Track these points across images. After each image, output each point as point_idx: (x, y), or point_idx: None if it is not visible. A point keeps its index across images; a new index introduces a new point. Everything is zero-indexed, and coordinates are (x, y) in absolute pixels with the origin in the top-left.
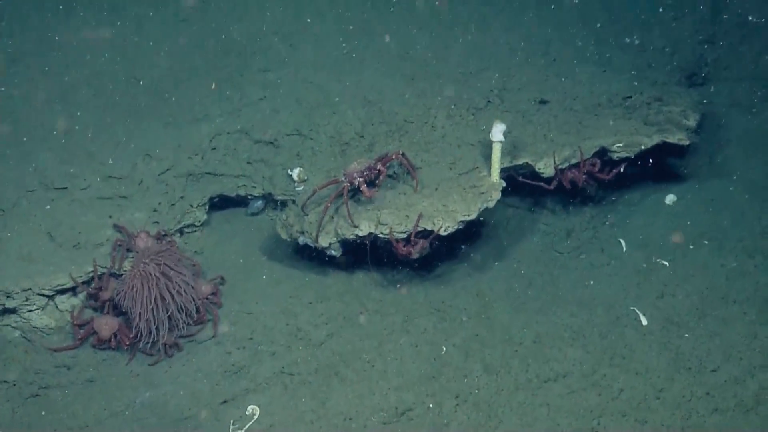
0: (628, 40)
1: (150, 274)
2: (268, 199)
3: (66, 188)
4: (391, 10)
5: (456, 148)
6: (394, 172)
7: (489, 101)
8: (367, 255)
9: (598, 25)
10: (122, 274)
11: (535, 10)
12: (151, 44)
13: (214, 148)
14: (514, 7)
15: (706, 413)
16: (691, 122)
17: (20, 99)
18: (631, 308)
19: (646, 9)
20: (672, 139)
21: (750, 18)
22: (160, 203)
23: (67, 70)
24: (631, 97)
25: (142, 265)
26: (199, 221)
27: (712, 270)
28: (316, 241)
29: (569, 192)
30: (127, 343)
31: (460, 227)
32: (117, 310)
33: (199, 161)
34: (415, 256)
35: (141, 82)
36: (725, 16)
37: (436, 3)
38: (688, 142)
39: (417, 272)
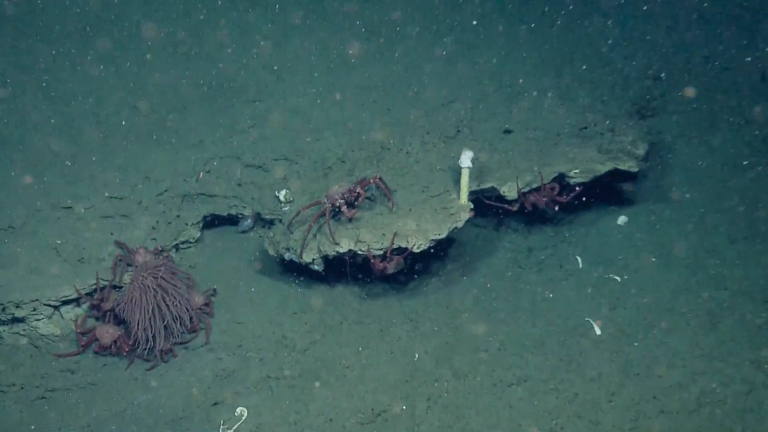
0: (583, 76)
1: (148, 286)
2: (257, 218)
3: (71, 207)
4: (370, 47)
5: (428, 173)
6: (372, 195)
7: (458, 131)
8: (347, 270)
9: (557, 63)
10: (122, 287)
11: (500, 49)
12: (150, 76)
13: (208, 171)
14: (482, 46)
15: (653, 415)
16: (640, 151)
17: (30, 126)
18: (586, 319)
19: (600, 48)
20: (623, 167)
21: (692, 56)
22: (157, 221)
23: (72, 101)
24: (586, 128)
25: (140, 278)
26: (194, 238)
27: (659, 285)
28: (301, 257)
29: (531, 213)
30: (127, 349)
31: (432, 245)
32: (117, 319)
33: (193, 183)
34: (391, 271)
35: (141, 111)
36: (671, 55)
37: (410, 42)
38: (637, 169)
39: (392, 285)
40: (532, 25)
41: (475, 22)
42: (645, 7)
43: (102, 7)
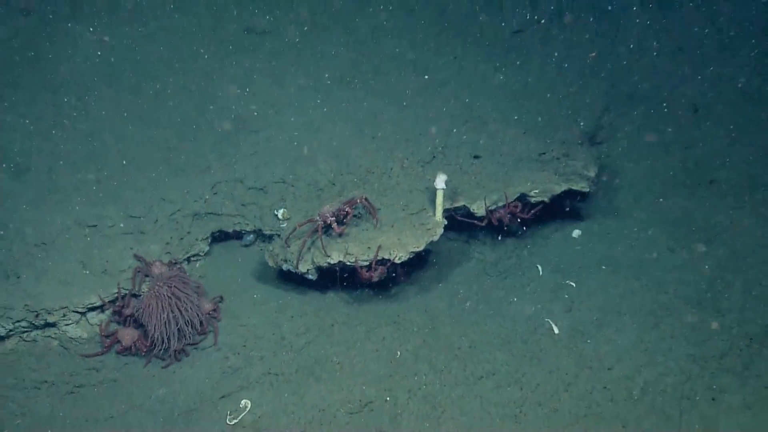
0: (541, 109)
1: (163, 294)
2: (258, 234)
3: (96, 226)
4: (356, 85)
5: (408, 194)
6: (359, 213)
7: (433, 156)
8: (337, 278)
9: (519, 98)
10: (141, 295)
11: (469, 86)
12: (163, 111)
13: (215, 193)
14: (453, 84)
15: (604, 402)
16: (591, 173)
17: (60, 156)
18: (546, 320)
19: (555, 83)
20: (576, 187)
21: (636, 90)
22: (171, 237)
23: (96, 134)
24: (544, 153)
25: (156, 287)
26: (203, 252)
27: (608, 289)
28: (297, 267)
29: (497, 228)
30: (145, 350)
31: (412, 256)
32: (136, 323)
33: (202, 204)
34: (376, 279)
35: (155, 142)
36: (618, 90)
37: (391, 79)
38: (588, 189)
39: (377, 292)
40: (497, 64)
41: (450, 59)
42: (593, 53)
43: (124, 54)
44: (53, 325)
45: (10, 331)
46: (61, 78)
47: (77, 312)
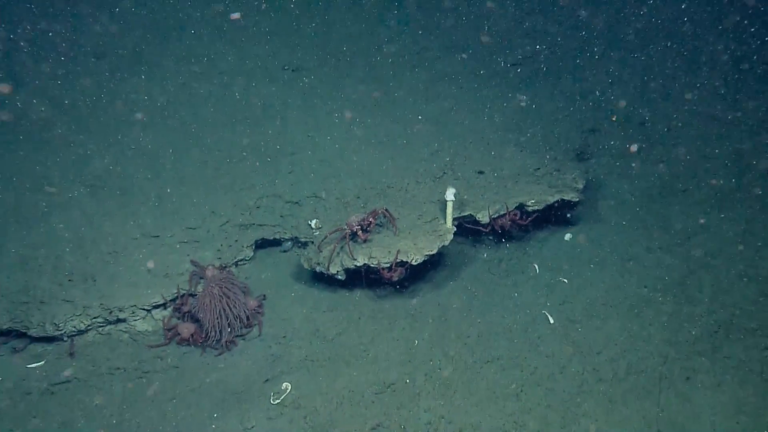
0: (537, 131)
1: (215, 294)
2: (295, 241)
3: (158, 236)
4: (377, 112)
5: (422, 205)
6: (381, 222)
7: (444, 173)
8: (362, 278)
9: (517, 121)
10: (196, 294)
11: (473, 112)
12: (214, 137)
13: (258, 207)
14: (460, 110)
15: (593, 382)
16: (580, 186)
17: (128, 177)
18: (543, 312)
19: (547, 109)
20: (567, 197)
21: (616, 119)
22: (221, 245)
23: (159, 158)
24: (539, 168)
25: (209, 287)
26: (248, 257)
27: (596, 285)
28: (328, 269)
29: (499, 233)
30: (200, 341)
31: (426, 258)
32: (193, 318)
33: (248, 216)
34: (395, 279)
35: (208, 164)
36: (601, 115)
37: (406, 107)
38: (577, 199)
39: (397, 290)
40: (497, 92)
41: (457, 89)
42: (577, 84)
43: (181, 90)
44: (124, 320)
45: (89, 325)
46: (130, 113)
47: (144, 309)
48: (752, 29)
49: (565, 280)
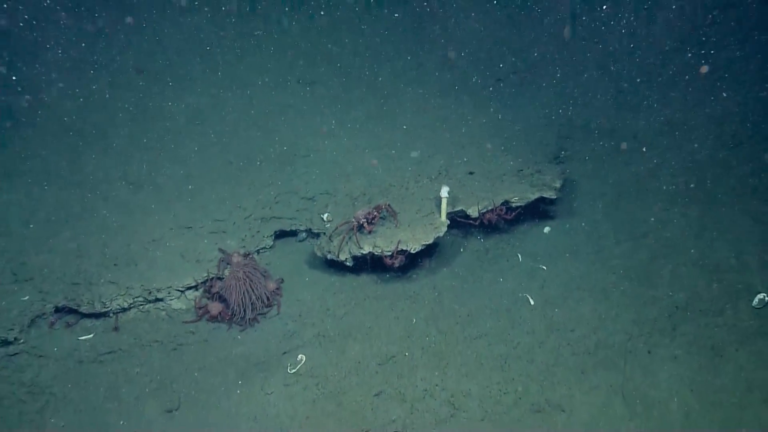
0: (520, 137)
1: (240, 277)
2: (309, 232)
3: (191, 227)
4: (381, 122)
5: (420, 201)
6: (384, 216)
7: (439, 173)
8: (368, 265)
9: (504, 129)
10: (223, 278)
11: (465, 121)
12: (238, 141)
13: (277, 202)
14: (454, 119)
15: (568, 356)
16: (557, 185)
17: (164, 176)
18: (524, 294)
19: (529, 118)
20: (546, 195)
21: (589, 124)
22: (245, 235)
23: (189, 160)
24: (522, 170)
25: (235, 272)
26: (269, 246)
27: (570, 271)
28: (338, 256)
29: (487, 226)
30: (227, 318)
31: (423, 248)
32: (221, 298)
33: (268, 210)
34: (397, 265)
35: (233, 165)
36: (576, 124)
37: (406, 116)
38: (555, 197)
39: (397, 275)
40: (486, 104)
41: (451, 100)
42: (554, 97)
43: (211, 101)
44: (161, 300)
45: (131, 304)
46: (165, 121)
47: (178, 290)
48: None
49: (544, 267)
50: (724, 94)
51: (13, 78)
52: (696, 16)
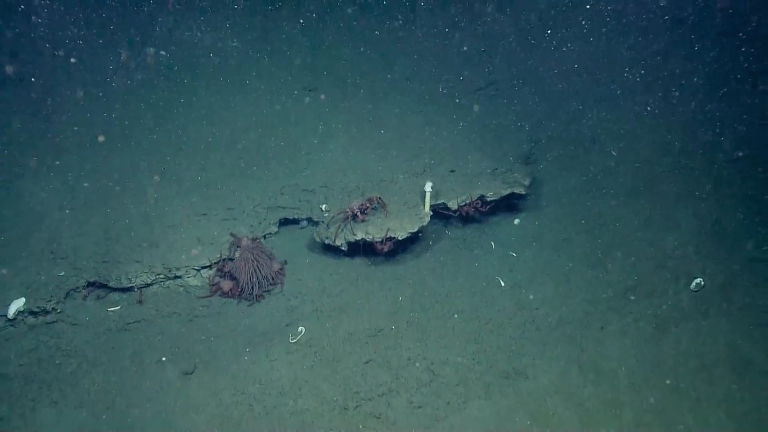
0: (494, 141)
1: (248, 258)
2: (310, 221)
3: (206, 214)
4: (373, 125)
5: (407, 194)
6: (375, 207)
7: (424, 170)
8: (360, 250)
9: (480, 133)
10: (234, 259)
11: (448, 126)
12: (247, 140)
13: (282, 194)
14: (436, 124)
15: (533, 330)
16: (526, 182)
17: (182, 168)
18: (496, 277)
19: (503, 124)
20: (517, 191)
21: (553, 132)
22: (253, 222)
23: (205, 155)
24: (496, 169)
25: (244, 254)
26: (274, 231)
27: (536, 258)
28: (334, 242)
29: (465, 217)
30: (237, 294)
31: (409, 235)
32: (232, 277)
33: (274, 200)
34: (386, 250)
35: (244, 160)
36: (544, 129)
37: (397, 121)
38: (524, 193)
39: (386, 259)
40: (466, 111)
41: (436, 107)
42: (525, 106)
43: (223, 103)
44: (180, 277)
45: (153, 280)
46: (184, 120)
47: (194, 269)
48: (659, 61)
49: (514, 254)
50: (673, 107)
51: (45, 83)
52: (648, 35)
